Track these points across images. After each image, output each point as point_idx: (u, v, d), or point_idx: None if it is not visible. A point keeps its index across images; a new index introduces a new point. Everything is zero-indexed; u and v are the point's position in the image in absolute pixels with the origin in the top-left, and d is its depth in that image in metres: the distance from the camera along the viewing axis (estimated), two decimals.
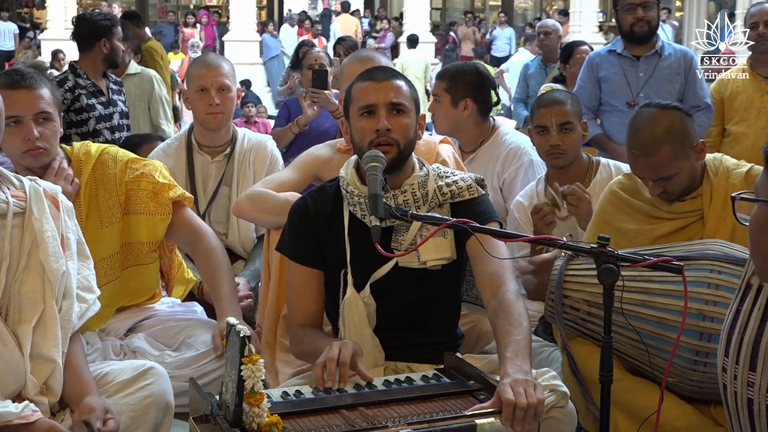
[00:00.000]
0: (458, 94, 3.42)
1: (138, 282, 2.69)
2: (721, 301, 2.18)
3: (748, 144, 4.06)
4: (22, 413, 1.88)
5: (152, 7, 20.80)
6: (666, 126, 2.49)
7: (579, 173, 3.12)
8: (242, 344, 1.69)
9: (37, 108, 2.42)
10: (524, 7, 22.45)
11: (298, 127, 4.60)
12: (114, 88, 4.50)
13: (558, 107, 3.07)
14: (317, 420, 1.81)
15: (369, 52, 3.26)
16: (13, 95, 2.38)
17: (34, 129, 2.41)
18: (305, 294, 2.34)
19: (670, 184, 2.52)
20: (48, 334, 2.03)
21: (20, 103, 2.40)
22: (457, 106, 3.42)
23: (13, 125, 2.40)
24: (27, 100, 2.41)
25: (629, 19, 4.05)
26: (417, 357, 2.29)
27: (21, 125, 2.41)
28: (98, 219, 2.57)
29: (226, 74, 3.28)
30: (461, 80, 3.44)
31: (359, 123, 2.25)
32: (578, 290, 2.42)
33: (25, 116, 2.41)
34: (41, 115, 2.43)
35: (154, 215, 2.61)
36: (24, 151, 2.43)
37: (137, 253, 2.65)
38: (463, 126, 3.45)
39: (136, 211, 2.60)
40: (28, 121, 2.41)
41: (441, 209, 2.28)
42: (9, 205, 2.07)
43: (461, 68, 3.57)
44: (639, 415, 2.25)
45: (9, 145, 2.44)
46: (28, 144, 2.42)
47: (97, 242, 2.52)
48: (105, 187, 2.58)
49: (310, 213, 2.35)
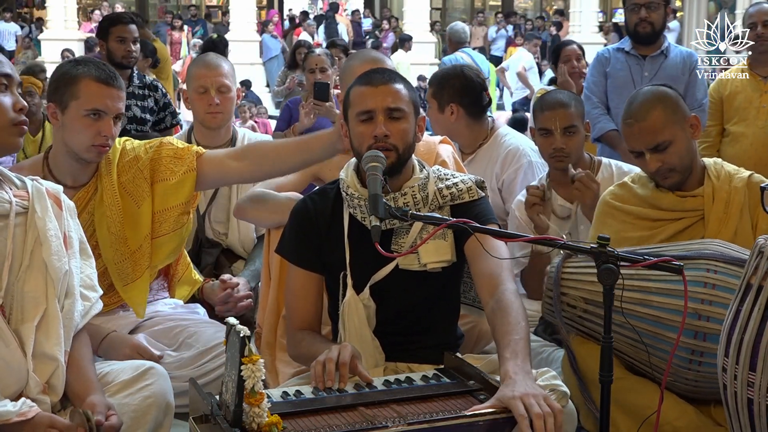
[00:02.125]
0: (443, 99, 3.43)
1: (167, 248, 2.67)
2: (716, 301, 2.19)
3: (747, 143, 4.06)
4: (21, 410, 1.88)
5: (152, 7, 20.81)
6: (657, 94, 2.58)
7: None
8: (242, 344, 1.69)
9: (119, 109, 2.50)
10: (524, 7, 22.46)
11: (294, 134, 4.57)
12: (137, 93, 4.46)
13: (562, 110, 3.06)
14: (317, 420, 1.81)
15: (372, 52, 3.27)
16: (104, 90, 2.46)
17: (112, 127, 2.48)
18: (304, 297, 2.34)
19: (668, 155, 2.52)
20: (50, 333, 2.03)
21: (109, 101, 2.47)
22: (443, 111, 3.43)
23: (93, 117, 2.46)
24: (115, 99, 2.48)
25: (633, 19, 4.10)
26: (417, 357, 2.29)
27: (101, 120, 2.46)
28: (133, 202, 2.59)
29: (226, 74, 3.29)
30: (446, 85, 3.44)
31: (358, 128, 2.25)
32: (575, 288, 2.42)
33: (109, 114, 2.47)
34: (117, 116, 2.50)
35: (182, 174, 2.61)
36: (94, 145, 2.47)
37: (166, 220, 2.63)
38: (454, 130, 3.44)
39: (163, 178, 2.62)
40: (109, 118, 2.47)
41: (441, 211, 2.28)
42: (12, 204, 2.07)
43: (447, 73, 3.57)
44: (639, 415, 2.25)
45: (80, 134, 2.47)
46: (102, 139, 2.47)
47: (139, 224, 2.57)
48: (129, 171, 2.60)
49: (311, 215, 2.35)
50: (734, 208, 2.51)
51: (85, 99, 2.44)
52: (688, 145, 2.56)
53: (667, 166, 2.55)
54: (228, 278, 2.91)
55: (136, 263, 2.57)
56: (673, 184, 2.58)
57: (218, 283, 2.90)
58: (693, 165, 2.59)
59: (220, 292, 2.88)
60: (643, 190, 2.62)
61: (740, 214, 2.51)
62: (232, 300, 2.88)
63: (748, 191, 2.53)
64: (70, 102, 2.46)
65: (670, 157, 2.54)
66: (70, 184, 2.53)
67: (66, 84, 2.47)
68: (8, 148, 2.14)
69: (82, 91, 2.45)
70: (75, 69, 2.49)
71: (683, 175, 2.56)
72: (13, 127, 2.10)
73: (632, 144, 2.60)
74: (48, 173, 2.54)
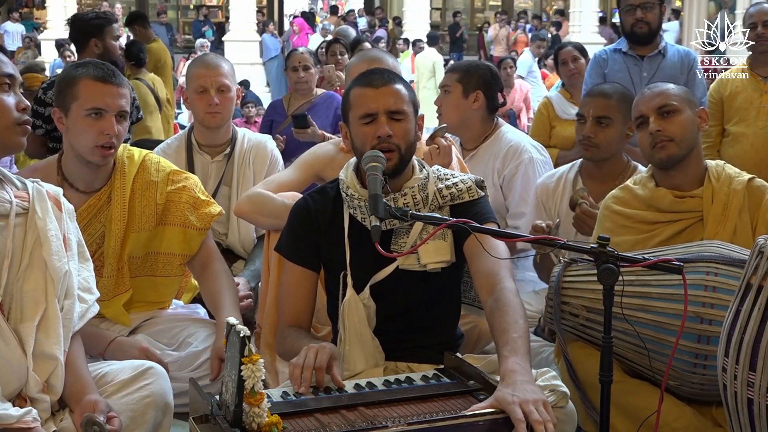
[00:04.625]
0: (470, 85, 3.44)
1: (154, 292, 2.69)
2: (718, 304, 2.18)
3: (747, 144, 4.06)
4: (23, 418, 1.88)
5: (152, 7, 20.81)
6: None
7: (612, 172, 3.09)
8: (242, 344, 1.69)
9: (120, 106, 2.45)
10: (524, 7, 22.45)
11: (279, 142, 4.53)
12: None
13: (600, 99, 3.08)
14: (317, 420, 1.81)
15: (376, 52, 3.28)
16: (103, 89, 2.43)
17: (115, 126, 2.43)
18: (297, 294, 2.34)
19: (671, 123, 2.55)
20: (50, 332, 2.03)
21: (108, 98, 2.43)
22: (467, 97, 3.44)
23: (94, 117, 2.42)
24: (115, 96, 2.44)
25: (629, 20, 4.09)
26: (417, 357, 2.29)
27: (102, 119, 2.43)
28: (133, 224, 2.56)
29: (226, 74, 3.29)
30: (474, 73, 3.47)
31: (360, 130, 2.25)
32: (577, 296, 2.42)
33: (110, 112, 2.43)
34: (120, 114, 2.46)
35: (193, 229, 2.62)
36: (98, 145, 2.44)
37: (165, 264, 2.65)
38: (470, 119, 3.46)
39: (174, 222, 2.61)
40: (110, 116, 2.43)
41: (441, 211, 2.28)
42: (12, 204, 2.07)
43: (474, 63, 3.68)
44: (638, 417, 2.25)
45: (83, 135, 2.44)
46: (105, 138, 2.43)
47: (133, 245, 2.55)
48: (144, 195, 2.58)
49: (310, 214, 2.35)
50: (732, 211, 2.51)
51: (84, 99, 2.43)
52: (692, 127, 2.58)
53: (666, 133, 2.54)
54: None
55: (116, 282, 2.56)
56: (667, 159, 2.55)
57: None
58: (692, 156, 2.58)
59: None
60: (643, 191, 2.61)
61: (739, 216, 2.50)
62: None
63: (747, 194, 2.52)
64: (72, 104, 2.44)
65: (672, 125, 2.54)
66: (82, 188, 2.53)
67: (66, 87, 2.46)
68: (12, 147, 2.14)
69: (81, 91, 2.43)
70: (74, 71, 2.48)
71: (679, 151, 2.55)
72: (17, 126, 2.09)
73: (641, 108, 2.61)
74: (62, 177, 2.53)
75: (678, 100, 2.58)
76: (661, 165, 2.58)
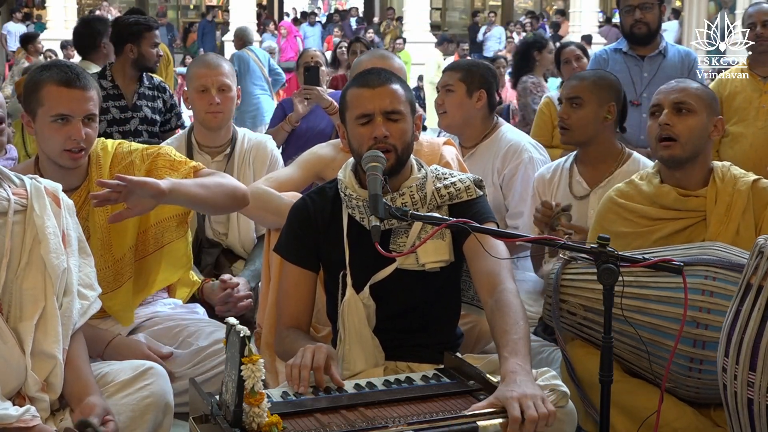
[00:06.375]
0: (474, 84, 3.44)
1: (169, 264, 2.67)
2: (715, 309, 2.18)
3: (747, 144, 4.05)
4: (22, 417, 1.88)
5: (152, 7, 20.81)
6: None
7: (605, 158, 3.07)
8: (242, 344, 1.69)
9: (87, 110, 2.40)
10: (524, 7, 22.44)
11: (290, 124, 4.53)
12: (147, 94, 4.44)
13: (574, 81, 3.09)
14: (317, 420, 1.81)
15: (383, 51, 3.29)
16: (67, 93, 2.37)
17: (82, 130, 2.39)
18: (296, 295, 2.34)
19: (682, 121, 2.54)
20: (49, 331, 2.03)
21: (74, 103, 2.37)
22: (471, 96, 3.44)
23: (60, 122, 2.38)
24: (81, 100, 2.38)
25: (628, 21, 4.10)
26: (417, 357, 2.29)
27: (68, 124, 2.38)
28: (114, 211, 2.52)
29: (227, 74, 3.29)
30: (477, 72, 3.47)
31: (357, 130, 2.25)
32: (575, 295, 2.42)
33: (76, 117, 2.38)
34: (88, 117, 2.41)
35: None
36: (65, 150, 2.40)
37: (164, 231, 2.63)
38: (473, 118, 3.46)
39: None
40: (77, 121, 2.38)
41: (439, 211, 2.28)
42: (10, 202, 2.07)
43: (477, 62, 3.69)
44: (638, 417, 2.25)
45: (50, 140, 2.41)
46: (73, 143, 2.39)
47: (125, 232, 2.54)
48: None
49: (309, 214, 2.35)
50: (736, 211, 2.50)
51: (49, 105, 2.37)
52: (702, 132, 2.57)
53: (673, 130, 2.54)
54: (228, 278, 2.91)
55: (117, 273, 2.54)
56: (669, 159, 2.56)
57: (218, 283, 2.90)
58: (698, 161, 2.58)
59: (220, 292, 2.88)
60: (648, 187, 2.61)
61: (742, 217, 2.50)
62: (232, 300, 2.87)
63: (752, 194, 2.52)
64: (38, 109, 2.39)
65: (682, 124, 2.54)
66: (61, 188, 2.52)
67: (31, 91, 2.40)
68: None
69: (46, 97, 2.37)
70: (39, 75, 2.41)
71: (683, 154, 2.55)
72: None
73: (659, 97, 2.62)
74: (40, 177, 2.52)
75: (697, 101, 2.57)
76: (664, 163, 2.59)
